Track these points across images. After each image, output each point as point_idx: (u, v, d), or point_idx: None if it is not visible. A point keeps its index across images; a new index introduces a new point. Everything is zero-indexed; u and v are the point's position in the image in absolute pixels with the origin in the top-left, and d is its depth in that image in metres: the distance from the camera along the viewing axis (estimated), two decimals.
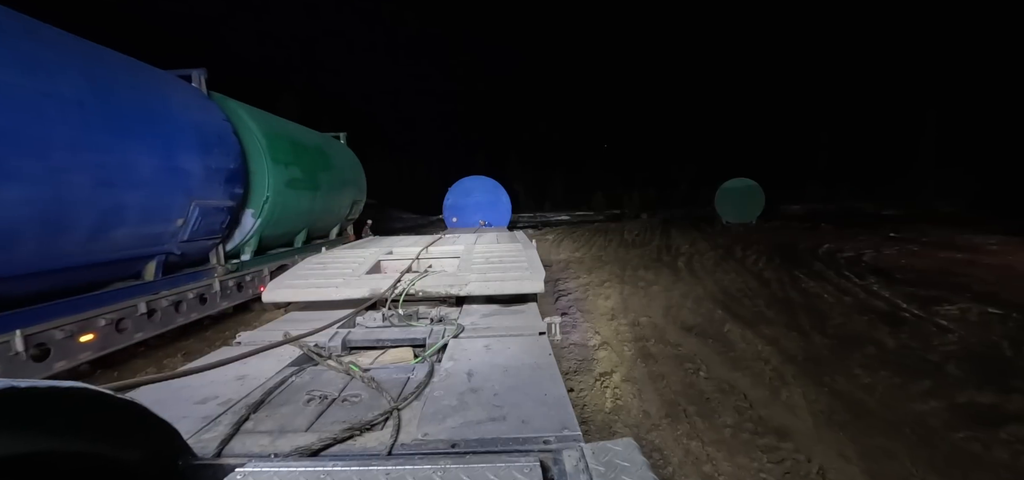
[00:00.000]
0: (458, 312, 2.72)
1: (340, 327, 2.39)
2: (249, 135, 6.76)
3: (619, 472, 0.98)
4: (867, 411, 3.53)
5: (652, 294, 7.68)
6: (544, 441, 1.22)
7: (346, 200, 10.86)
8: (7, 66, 3.41)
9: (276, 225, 7.60)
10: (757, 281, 8.60)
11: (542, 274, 2.89)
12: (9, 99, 3.37)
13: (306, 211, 8.60)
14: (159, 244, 5.16)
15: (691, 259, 11.35)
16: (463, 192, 19.18)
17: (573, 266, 10.92)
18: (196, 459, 1.12)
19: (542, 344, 2.04)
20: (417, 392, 1.57)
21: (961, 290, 7.35)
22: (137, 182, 4.51)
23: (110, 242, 4.42)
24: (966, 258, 10.54)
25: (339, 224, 11.08)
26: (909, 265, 9.98)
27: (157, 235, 5.05)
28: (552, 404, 1.44)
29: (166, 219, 5.05)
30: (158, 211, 4.89)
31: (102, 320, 4.39)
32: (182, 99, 5.48)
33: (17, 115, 3.42)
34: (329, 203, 9.72)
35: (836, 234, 16.11)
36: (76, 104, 3.90)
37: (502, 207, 18.24)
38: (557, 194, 38.00)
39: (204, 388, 1.64)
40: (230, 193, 6.10)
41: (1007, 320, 5.71)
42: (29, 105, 3.51)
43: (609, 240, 16.15)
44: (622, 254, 12.66)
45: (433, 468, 0.98)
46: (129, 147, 4.39)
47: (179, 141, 5.11)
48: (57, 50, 3.95)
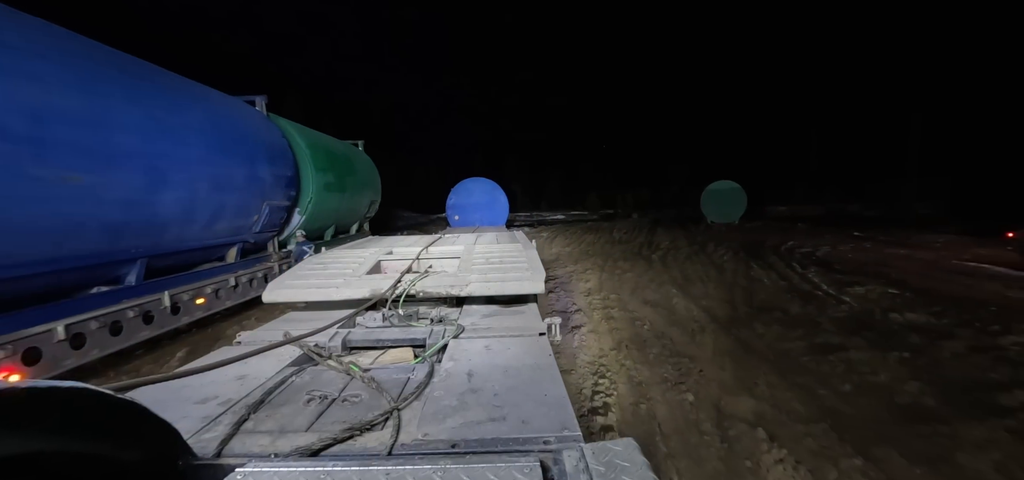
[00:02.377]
0: (458, 312, 2.74)
1: (340, 327, 2.42)
2: (298, 148, 8.36)
3: (619, 472, 0.99)
4: (752, 348, 5.15)
5: (625, 279, 9.30)
6: (544, 441, 1.23)
7: (366, 200, 12.47)
8: (163, 109, 5.02)
9: (314, 221, 9.18)
10: (716, 270, 10.22)
11: (542, 275, 2.93)
12: (167, 132, 4.97)
13: (336, 210, 10.20)
14: (240, 235, 6.76)
15: (667, 254, 12.97)
16: (465, 192, 20.88)
17: (562, 259, 12.55)
18: (196, 459, 1.12)
19: (542, 344, 2.07)
20: (417, 392, 1.58)
21: (878, 277, 8.98)
22: (233, 188, 6.11)
23: (214, 231, 6.03)
24: (905, 253, 12.18)
25: (359, 221, 12.69)
26: (852, 259, 11.60)
27: (240, 227, 6.65)
28: (552, 404, 1.45)
29: (248, 215, 6.65)
30: (244, 209, 6.49)
31: (209, 288, 5.99)
32: (255, 122, 7.09)
33: (169, 143, 5.02)
34: (353, 203, 11.33)
35: (806, 233, 17.69)
36: (200, 132, 5.50)
37: (500, 207, 19.90)
38: (553, 194, 39.55)
39: (204, 388, 1.66)
40: (287, 195, 7.71)
41: (895, 298, 7.33)
42: (176, 135, 5.12)
43: (598, 237, 17.77)
44: (607, 249, 14.29)
45: (433, 468, 0.98)
46: (230, 162, 6.00)
47: (256, 156, 6.71)
48: (186, 93, 5.56)
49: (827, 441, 3.23)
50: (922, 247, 13.35)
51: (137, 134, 4.47)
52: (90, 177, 3.98)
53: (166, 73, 5.42)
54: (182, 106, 5.28)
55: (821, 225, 21.80)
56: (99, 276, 4.65)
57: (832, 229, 19.16)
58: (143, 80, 4.83)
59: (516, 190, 33.43)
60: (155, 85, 5.01)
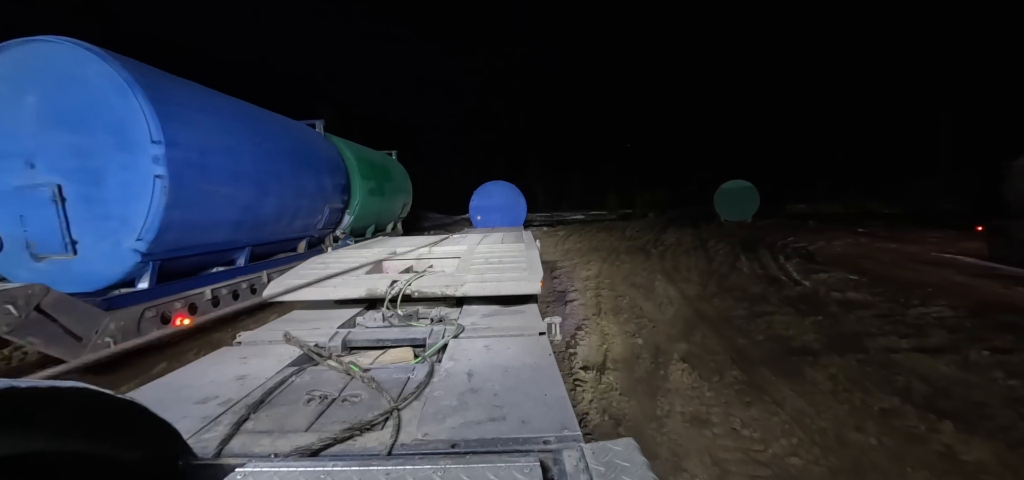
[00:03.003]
0: (458, 312, 2.76)
1: (340, 327, 2.44)
2: (348, 161, 10.25)
3: (619, 472, 1.00)
4: (704, 316, 6.61)
5: (622, 270, 10.80)
6: (544, 441, 1.25)
7: (399, 203, 14.38)
8: (267, 139, 6.91)
9: (360, 221, 11.07)
10: (706, 262, 11.58)
11: (540, 275, 2.98)
12: (268, 156, 6.85)
13: (377, 211, 12.09)
14: (308, 231, 8.66)
15: (668, 249, 14.33)
16: (486, 194, 22.68)
17: (572, 253, 14.11)
18: (196, 459, 1.13)
19: (542, 344, 2.08)
20: (417, 392, 1.60)
21: (849, 267, 10.17)
22: (306, 195, 8.00)
23: (293, 228, 7.92)
24: (893, 247, 13.17)
25: (394, 221, 14.60)
26: (838, 252, 12.70)
27: (309, 225, 8.54)
28: (552, 404, 1.46)
29: (314, 216, 8.54)
30: (313, 211, 8.38)
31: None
32: (318, 141, 9.00)
33: (270, 163, 6.90)
34: (389, 205, 13.22)
35: (812, 230, 18.54)
36: (287, 154, 7.39)
37: (519, 208, 21.62)
38: (574, 194, 40.80)
39: (204, 388, 1.68)
40: (341, 200, 9.60)
41: (849, 282, 8.56)
42: (274, 158, 7.00)
43: (610, 235, 19.20)
44: (615, 245, 15.75)
45: (433, 468, 1.00)
46: (305, 174, 7.88)
47: (321, 169, 8.60)
48: (278, 124, 7.47)
49: (725, 364, 4.74)
50: (915, 242, 14.22)
51: (251, 159, 6.35)
52: (226, 189, 5.85)
53: (265, 111, 7.33)
54: (276, 135, 7.17)
55: (834, 222, 22.34)
56: (222, 259, 6.56)
57: (842, 226, 19.90)
58: (253, 119, 6.73)
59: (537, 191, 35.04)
60: (260, 122, 6.91)
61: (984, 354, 4.71)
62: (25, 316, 3.77)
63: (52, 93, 4.77)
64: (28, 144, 4.80)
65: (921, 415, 3.60)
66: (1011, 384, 4.07)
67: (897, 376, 4.31)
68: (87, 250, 4.93)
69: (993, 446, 3.16)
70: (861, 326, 5.84)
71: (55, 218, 4.85)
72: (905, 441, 3.28)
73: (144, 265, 5.05)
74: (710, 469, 3.02)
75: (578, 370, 4.65)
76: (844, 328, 5.77)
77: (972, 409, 3.67)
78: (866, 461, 3.06)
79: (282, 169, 7.10)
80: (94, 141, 4.75)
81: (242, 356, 2.04)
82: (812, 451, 3.18)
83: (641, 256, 12.94)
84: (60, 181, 4.81)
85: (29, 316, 3.80)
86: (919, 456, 3.10)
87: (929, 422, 3.49)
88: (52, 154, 4.79)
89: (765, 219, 24.40)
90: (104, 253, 4.91)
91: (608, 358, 5.02)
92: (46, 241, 4.93)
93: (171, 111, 4.97)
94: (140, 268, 5.06)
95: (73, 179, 4.81)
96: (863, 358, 4.78)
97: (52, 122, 4.77)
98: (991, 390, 3.98)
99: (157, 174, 4.76)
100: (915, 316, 6.19)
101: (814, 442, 3.29)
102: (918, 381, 4.19)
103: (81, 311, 4.29)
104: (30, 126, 4.80)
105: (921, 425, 3.46)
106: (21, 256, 5.01)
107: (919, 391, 4.00)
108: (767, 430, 3.47)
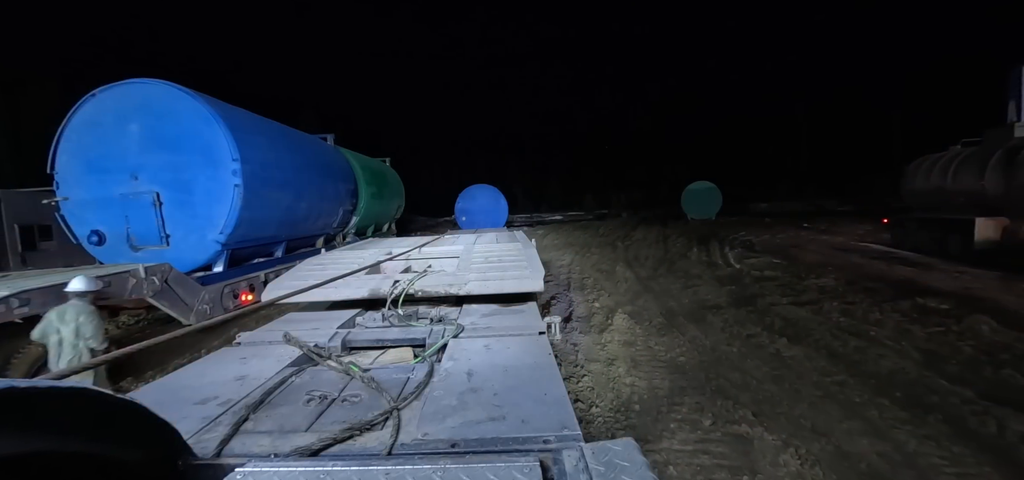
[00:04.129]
0: (458, 312, 2.77)
1: (340, 327, 2.46)
2: (355, 168, 11.86)
3: (619, 472, 0.99)
4: (649, 288, 8.51)
5: (591, 259, 12.71)
6: (544, 441, 1.24)
7: (395, 205, 16.02)
8: (299, 154, 8.52)
9: (364, 221, 12.67)
10: (663, 252, 13.59)
11: (541, 273, 2.98)
12: (301, 167, 8.46)
13: (377, 212, 13.70)
14: (326, 229, 10.25)
15: (633, 243, 16.33)
16: (470, 197, 24.50)
17: (548, 248, 15.99)
18: (196, 459, 1.14)
19: (542, 344, 2.09)
20: (417, 392, 1.60)
21: (778, 254, 12.28)
22: (327, 199, 9.61)
23: (316, 226, 9.52)
24: (825, 239, 15.41)
25: (389, 221, 16.22)
26: (777, 243, 14.86)
27: (327, 224, 10.14)
28: (552, 404, 1.47)
29: (332, 216, 10.14)
30: (330, 212, 9.99)
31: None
32: (333, 153, 10.63)
33: (304, 172, 8.51)
34: (387, 207, 14.85)
35: (764, 226, 20.83)
36: (313, 165, 9.01)
37: (501, 210, 23.51)
38: (553, 196, 42.68)
39: (204, 388, 1.69)
40: (351, 203, 11.23)
41: (770, 265, 10.62)
42: (306, 166, 8.61)
43: (584, 233, 21.18)
44: (587, 240, 17.72)
45: (433, 468, 0.99)
46: (326, 183, 9.51)
47: (336, 176, 10.21)
48: (306, 141, 9.10)
49: (656, 317, 6.60)
50: (843, 233, 16.55)
51: (291, 170, 7.96)
52: (274, 194, 7.45)
53: (297, 131, 8.94)
54: (305, 150, 8.79)
55: (787, 219, 24.58)
56: (264, 251, 8.13)
57: (791, 222, 22.29)
58: (290, 138, 8.35)
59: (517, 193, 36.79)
60: (295, 140, 8.52)
61: (834, 304, 6.71)
62: (161, 286, 5.33)
63: (151, 122, 6.32)
64: (132, 161, 6.34)
65: (770, 337, 5.52)
66: (841, 321, 6.04)
67: (768, 318, 6.25)
68: (178, 242, 6.49)
69: (806, 350, 5.08)
70: (760, 291, 7.83)
71: (153, 218, 6.40)
72: (754, 349, 5.18)
73: (221, 253, 6.63)
74: (629, 363, 4.86)
75: None
76: (748, 293, 7.74)
77: (804, 332, 5.61)
78: (725, 360, 4.93)
79: (311, 177, 8.71)
80: (186, 159, 6.33)
81: (242, 356, 2.07)
82: (693, 355, 5.05)
83: (609, 249, 14.90)
84: (158, 189, 6.37)
85: (163, 287, 5.37)
86: (758, 356, 4.99)
87: (773, 340, 5.41)
88: (152, 169, 6.34)
89: (728, 217, 26.66)
90: (192, 244, 6.48)
91: (573, 312, 6.84)
92: (145, 235, 6.47)
93: (242, 136, 6.57)
94: (218, 255, 6.63)
95: (168, 188, 6.37)
96: (751, 309, 6.72)
97: (152, 145, 6.32)
98: (824, 324, 5.94)
99: (236, 184, 6.36)
100: (804, 285, 8.22)
101: (697, 352, 5.16)
102: (779, 320, 6.14)
103: (190, 286, 5.86)
104: (133, 147, 6.34)
105: (768, 342, 5.38)
106: (122, 247, 6.53)
107: (776, 326, 5.94)
108: (670, 347, 5.33)
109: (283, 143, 7.99)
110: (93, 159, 6.44)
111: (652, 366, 4.79)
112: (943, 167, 11.09)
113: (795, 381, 4.29)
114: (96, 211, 6.52)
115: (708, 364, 4.80)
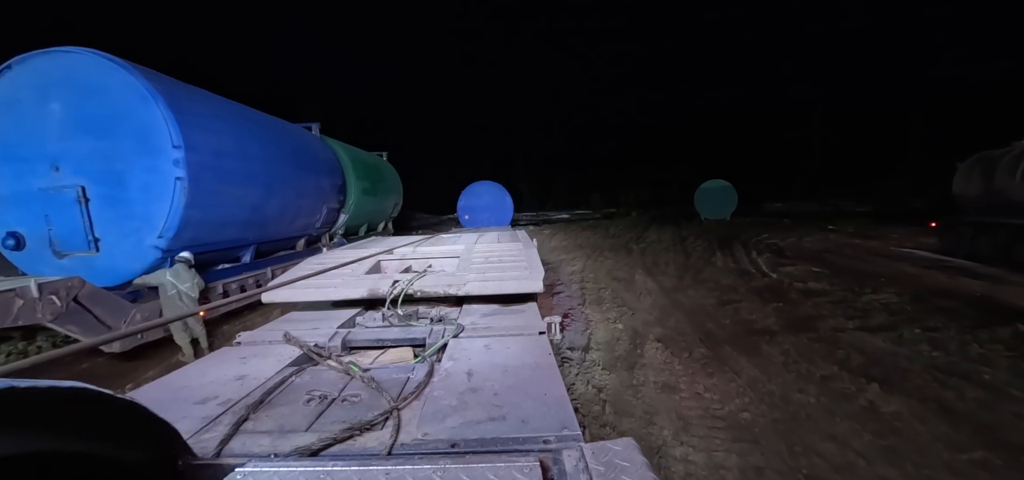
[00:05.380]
0: (458, 312, 2.76)
1: (340, 327, 2.45)
2: (343, 162, 10.66)
3: (619, 472, 1.00)
4: (679, 304, 7.25)
5: (605, 265, 11.44)
6: (544, 441, 1.25)
7: (391, 203, 14.79)
8: (271, 143, 7.30)
9: (354, 219, 11.47)
10: (684, 257, 12.30)
11: (541, 274, 2.96)
12: (273, 159, 7.25)
13: (370, 210, 12.49)
14: (307, 229, 9.06)
15: (649, 246, 15.04)
16: (474, 195, 23.20)
17: (557, 250, 14.72)
18: (196, 459, 1.14)
19: (542, 344, 2.09)
20: (417, 392, 1.60)
21: (815, 260, 10.98)
22: (307, 194, 8.40)
23: (294, 226, 8.32)
24: (858, 243, 14.08)
25: (385, 220, 15.00)
26: (807, 248, 13.55)
27: (307, 224, 8.94)
28: (552, 404, 1.46)
29: (313, 215, 8.94)
30: (312, 210, 8.78)
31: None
32: (316, 143, 9.41)
33: (277, 164, 7.31)
34: (382, 205, 13.63)
35: (786, 228, 19.47)
36: (289, 156, 7.80)
37: (506, 208, 22.22)
38: (559, 193, 41.43)
39: (204, 388, 1.69)
40: (338, 199, 10.01)
41: (812, 274, 9.33)
42: (279, 158, 7.41)
43: (594, 234, 19.88)
44: (598, 242, 16.42)
45: (433, 468, 1.00)
46: (306, 176, 8.29)
47: (319, 170, 9.00)
48: (280, 129, 7.87)
49: (694, 344, 5.35)
50: (878, 238, 15.19)
51: (259, 161, 6.76)
52: (238, 190, 6.26)
53: (270, 116, 7.74)
54: (280, 139, 7.58)
55: (807, 220, 23.26)
56: (229, 256, 6.94)
57: (814, 224, 20.92)
58: (259, 124, 7.14)
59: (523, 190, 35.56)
60: (265, 127, 7.32)
61: (916, 331, 5.43)
62: (65, 306, 4.15)
63: (76, 101, 5.13)
64: (52, 148, 5.16)
65: (853, 379, 4.26)
66: (934, 356, 4.77)
67: (839, 350, 4.99)
68: (109, 247, 5.30)
69: (909, 403, 3.82)
70: (816, 311, 6.55)
71: (78, 217, 5.22)
72: (838, 400, 3.92)
73: (163, 260, 5.44)
74: (675, 422, 3.61)
75: (565, 350, 5.22)
76: (801, 313, 6.47)
77: (895, 374, 4.34)
78: (806, 418, 3.69)
79: (286, 171, 7.51)
80: (117, 146, 5.13)
81: (242, 356, 2.06)
82: (760, 409, 3.80)
83: (623, 253, 13.61)
84: (84, 183, 5.18)
85: (69, 306, 4.19)
86: (849, 412, 3.74)
87: (859, 384, 4.14)
88: (76, 158, 5.15)
89: (743, 217, 25.32)
90: (126, 250, 5.29)
91: (592, 343, 5.60)
92: (69, 239, 5.29)
93: (189, 118, 5.37)
94: (159, 263, 5.44)
95: (97, 181, 5.18)
96: (812, 336, 5.45)
97: (76, 128, 5.13)
98: (915, 360, 4.67)
99: (178, 176, 5.16)
100: (864, 302, 6.93)
101: (763, 403, 3.91)
102: (856, 353, 4.87)
103: (112, 303, 4.69)
104: (54, 132, 5.15)
105: (852, 387, 4.12)
106: (44, 253, 5.36)
107: (854, 362, 4.67)
108: (724, 394, 4.08)
109: (249, 130, 6.77)
110: (8, 145, 5.26)
111: (708, 428, 3.54)
112: (1009, 166, 9.71)
113: (919, 461, 3.04)
114: (13, 209, 5.35)
115: (784, 426, 3.55)
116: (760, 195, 34.56)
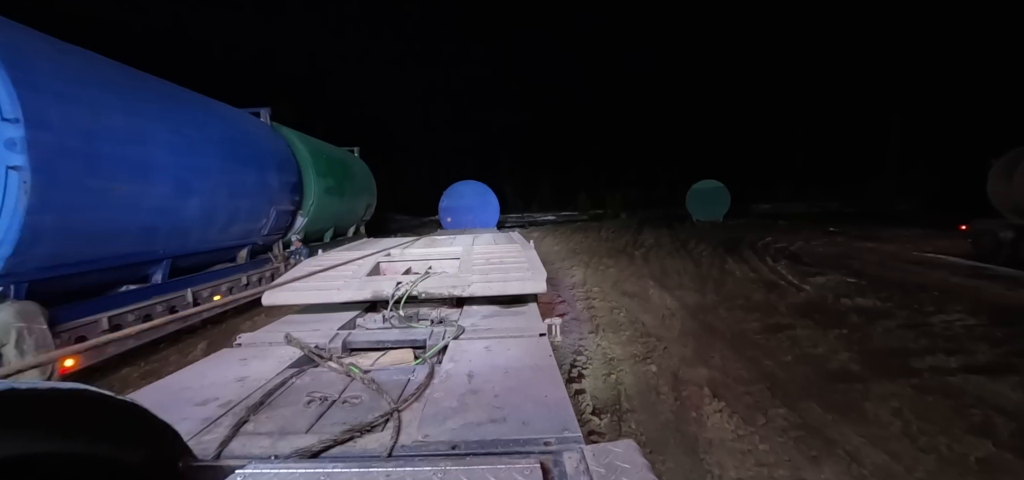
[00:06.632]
0: (458, 313, 2.77)
1: (341, 328, 2.44)
2: (300, 155, 8.92)
3: (619, 474, 0.99)
4: (714, 330, 5.83)
5: (609, 276, 9.99)
6: (544, 443, 1.24)
7: (362, 204, 13.04)
8: (188, 125, 5.59)
9: (315, 223, 9.74)
10: (694, 264, 10.96)
11: (544, 275, 2.96)
12: (191, 146, 5.54)
13: (336, 213, 10.76)
14: (250, 237, 7.32)
15: (649, 251, 13.69)
16: (457, 195, 21.54)
17: (551, 257, 13.21)
18: (196, 461, 1.13)
19: (542, 345, 2.08)
20: (417, 394, 1.59)
21: (840, 267, 9.77)
22: (246, 194, 6.68)
23: (229, 234, 6.59)
24: (871, 247, 13.02)
25: (356, 224, 13.24)
26: (821, 252, 12.40)
27: (251, 230, 7.21)
28: (552, 406, 1.45)
29: (257, 219, 7.22)
30: (254, 213, 7.06)
31: (224, 286, 6.55)
32: (262, 132, 7.66)
33: (193, 155, 5.59)
34: (351, 206, 11.89)
35: (785, 230, 18.51)
36: (218, 144, 6.08)
37: (491, 209, 20.59)
38: (545, 195, 40.16)
39: (204, 390, 1.67)
40: (292, 200, 8.28)
41: (847, 284, 8.07)
42: (199, 148, 5.69)
43: (586, 237, 18.48)
44: (593, 247, 15.01)
45: (433, 470, 0.99)
46: (243, 171, 6.57)
47: (265, 164, 7.28)
48: (206, 109, 6.14)
49: (764, 400, 3.91)
50: (889, 240, 14.20)
51: (167, 148, 5.05)
52: (130, 187, 4.55)
53: (189, 92, 5.99)
54: (203, 122, 5.85)
55: (802, 222, 22.55)
56: (132, 275, 5.21)
57: (811, 225, 20.06)
58: (171, 100, 5.41)
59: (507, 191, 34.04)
60: (180, 104, 5.60)
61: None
62: None
63: None
64: None
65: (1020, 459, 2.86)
66: None
67: (967, 407, 3.60)
68: None
69: None
70: (892, 340, 5.20)
71: None
72: None
73: (3, 292, 3.71)
74: None
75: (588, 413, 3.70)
76: (875, 344, 5.10)
77: None
78: None
79: (211, 163, 5.79)
80: None
81: (242, 358, 2.03)
82: None
83: (624, 259, 12.20)
84: None
85: None
86: None
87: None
88: None
89: (734, 219, 24.46)
90: None
91: (622, 391, 4.09)
92: None
93: (38, 80, 3.66)
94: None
95: None
96: (917, 383, 4.07)
97: None
98: None
99: (13, 165, 3.45)
100: (940, 326, 5.63)
101: None
102: (994, 413, 3.50)
103: None
104: None
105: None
106: None
107: (1004, 428, 3.29)
108: None
109: (150, 105, 5.03)
110: None
111: None
112: None
113: None
114: None
115: None
116: (746, 196, 34.03)
